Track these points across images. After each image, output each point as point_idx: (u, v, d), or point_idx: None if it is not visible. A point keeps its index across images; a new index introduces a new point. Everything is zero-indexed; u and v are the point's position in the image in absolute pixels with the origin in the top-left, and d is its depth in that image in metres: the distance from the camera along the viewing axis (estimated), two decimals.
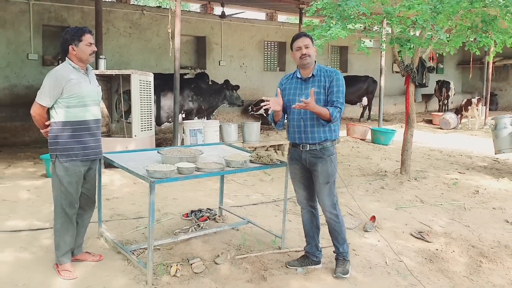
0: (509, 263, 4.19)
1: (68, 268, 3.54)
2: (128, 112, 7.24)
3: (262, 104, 3.67)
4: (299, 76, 3.72)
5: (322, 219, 3.91)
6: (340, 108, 3.55)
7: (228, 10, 13.48)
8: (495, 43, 6.16)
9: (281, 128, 3.85)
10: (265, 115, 12.75)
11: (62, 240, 3.55)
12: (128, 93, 7.09)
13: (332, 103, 3.55)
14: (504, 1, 5.27)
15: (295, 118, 3.66)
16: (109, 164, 5.93)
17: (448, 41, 6.22)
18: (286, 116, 3.81)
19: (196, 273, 3.63)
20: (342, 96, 3.60)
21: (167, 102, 8.95)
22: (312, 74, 3.65)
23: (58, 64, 10.65)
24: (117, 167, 6.42)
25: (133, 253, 3.87)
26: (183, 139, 7.96)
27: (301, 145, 3.67)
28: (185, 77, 9.93)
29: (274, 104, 3.59)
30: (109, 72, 7.01)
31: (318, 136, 3.61)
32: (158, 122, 8.92)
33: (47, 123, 3.56)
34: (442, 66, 20.81)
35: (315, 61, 3.69)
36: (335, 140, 3.70)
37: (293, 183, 3.91)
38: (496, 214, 5.59)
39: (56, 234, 3.57)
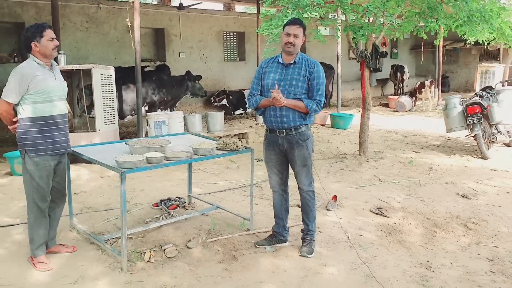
0: (460, 232, 4.55)
1: (43, 260, 3.63)
2: (90, 106, 7.24)
3: (276, 94, 3.64)
4: (280, 61, 3.86)
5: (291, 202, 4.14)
6: (319, 100, 3.74)
7: (186, 2, 13.47)
8: (441, 28, 6.52)
9: (261, 114, 3.95)
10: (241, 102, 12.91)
11: (36, 234, 3.63)
12: (89, 87, 7.08)
13: (312, 96, 3.74)
14: None
15: None
16: (75, 160, 5.98)
17: (398, 26, 6.55)
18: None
19: (169, 257, 3.79)
20: (322, 88, 3.77)
21: (129, 95, 8.95)
22: (294, 61, 3.81)
23: (14, 61, 10.39)
24: (83, 162, 6.47)
25: (106, 242, 3.98)
26: (147, 132, 8.02)
27: (277, 130, 3.83)
28: (146, 69, 9.93)
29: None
30: (69, 67, 6.98)
31: (293, 120, 3.76)
32: (121, 115, 8.92)
33: (14, 119, 3.61)
34: (396, 51, 21.47)
35: (299, 51, 3.85)
36: (309, 124, 3.87)
37: (267, 168, 4.07)
38: (448, 188, 5.99)
39: (30, 228, 3.65)
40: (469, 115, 7.46)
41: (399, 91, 18.26)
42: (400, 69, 18.09)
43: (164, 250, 3.89)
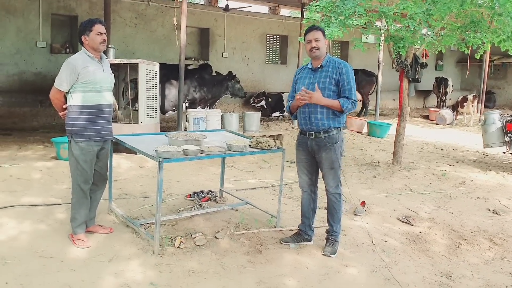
0: (485, 245, 4.56)
1: (82, 238, 3.91)
2: (134, 100, 7.58)
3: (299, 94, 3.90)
4: (310, 66, 4.06)
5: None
6: (354, 100, 3.87)
7: (232, 3, 13.77)
8: (483, 43, 6.48)
9: (295, 118, 4.15)
10: (265, 106, 13.12)
11: (77, 213, 3.92)
12: (134, 81, 7.42)
13: (344, 96, 3.87)
14: (491, 3, 5.59)
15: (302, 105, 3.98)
16: (116, 149, 6.30)
17: (440, 39, 6.55)
18: None
19: (198, 245, 4.00)
20: (353, 87, 3.90)
21: (172, 91, 9.28)
22: (321, 65, 3.97)
23: (66, 52, 10.95)
24: (124, 152, 6.79)
25: (141, 226, 4.24)
26: (185, 127, 8.31)
27: (307, 132, 4.00)
28: (189, 67, 10.26)
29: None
30: (117, 61, 7.34)
31: (321, 123, 3.91)
32: (163, 110, 9.26)
33: (64, 106, 3.91)
34: (441, 63, 21.09)
35: (326, 53, 4.01)
36: (340, 127, 3.99)
37: (297, 168, 4.24)
38: (479, 203, 5.96)
39: (72, 207, 3.95)
40: (508, 131, 7.37)
41: (441, 103, 17.94)
42: (444, 82, 17.77)
43: (193, 238, 4.11)
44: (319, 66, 3.97)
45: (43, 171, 5.96)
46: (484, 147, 8.03)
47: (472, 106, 13.99)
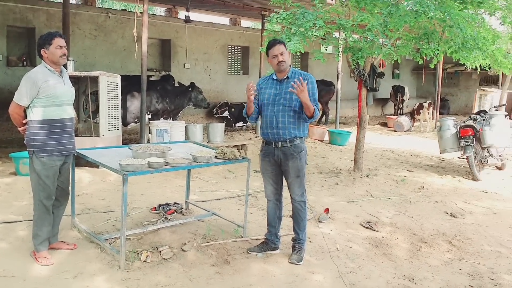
0: (444, 248, 4.75)
1: (45, 255, 3.83)
2: (95, 112, 7.47)
3: (249, 85, 3.97)
4: (275, 78, 4.15)
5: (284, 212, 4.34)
6: (318, 109, 4.02)
7: (193, 15, 13.78)
8: (436, 54, 6.78)
9: (253, 121, 4.23)
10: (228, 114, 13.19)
11: (40, 230, 3.83)
12: (95, 94, 7.32)
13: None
14: (442, 16, 5.88)
15: (268, 115, 4.07)
16: (77, 163, 6.17)
17: (396, 49, 6.81)
18: (260, 114, 4.19)
19: (165, 259, 3.98)
20: (316, 98, 4.05)
21: (134, 103, 9.18)
22: (287, 76, 4.07)
23: (23, 65, 10.65)
24: (85, 166, 6.66)
25: (105, 241, 4.18)
26: (149, 139, 8.24)
27: (273, 142, 4.07)
28: (151, 79, 10.18)
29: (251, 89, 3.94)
30: (77, 73, 7.22)
31: (288, 132, 4.01)
32: (124, 122, 9.14)
33: (24, 121, 3.83)
34: (398, 72, 21.79)
35: (290, 65, 4.11)
36: (303, 137, 4.12)
37: (263, 178, 4.30)
38: (437, 206, 6.19)
39: (34, 224, 3.86)
40: (462, 137, 7.69)
41: (398, 111, 18.50)
42: (400, 90, 18.35)
43: (160, 251, 4.08)
44: (285, 77, 4.07)
45: (2, 187, 5.79)
46: (440, 153, 8.35)
47: (428, 113, 14.52)
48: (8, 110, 3.81)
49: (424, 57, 7.08)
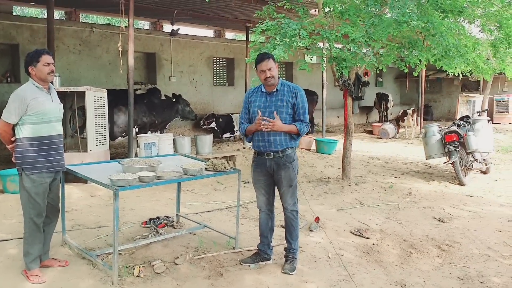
0: (434, 253, 4.82)
1: (37, 273, 3.79)
2: (82, 127, 7.44)
3: (261, 120, 3.96)
4: (263, 90, 4.16)
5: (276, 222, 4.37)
6: (307, 123, 4.09)
7: (177, 28, 13.82)
8: (420, 61, 6.91)
9: (250, 141, 4.23)
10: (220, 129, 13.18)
11: (31, 248, 3.80)
12: (82, 109, 7.30)
13: (299, 119, 4.06)
14: (425, 25, 6.02)
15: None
16: (66, 179, 6.13)
17: (380, 58, 6.93)
18: None
19: (157, 273, 3.97)
20: (307, 111, 4.11)
21: (121, 117, 9.17)
22: (276, 89, 4.10)
23: (7, 82, 10.55)
24: (74, 182, 6.62)
25: (97, 257, 4.15)
26: (136, 153, 8.22)
27: (265, 153, 4.10)
28: (137, 92, 10.17)
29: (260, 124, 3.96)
30: (64, 89, 7.19)
31: (280, 144, 4.05)
32: (112, 137, 9.11)
33: (12, 139, 3.82)
34: (381, 79, 22.08)
35: (279, 77, 4.14)
36: (294, 147, 4.17)
37: (255, 189, 4.32)
38: (425, 212, 6.28)
39: (25, 242, 3.82)
40: (447, 143, 7.82)
41: (383, 118, 18.70)
42: (384, 97, 18.56)
43: (152, 266, 4.07)
44: (274, 90, 4.11)
45: None
46: (426, 159, 8.47)
47: (412, 119, 14.72)
48: None
49: (408, 65, 7.22)
